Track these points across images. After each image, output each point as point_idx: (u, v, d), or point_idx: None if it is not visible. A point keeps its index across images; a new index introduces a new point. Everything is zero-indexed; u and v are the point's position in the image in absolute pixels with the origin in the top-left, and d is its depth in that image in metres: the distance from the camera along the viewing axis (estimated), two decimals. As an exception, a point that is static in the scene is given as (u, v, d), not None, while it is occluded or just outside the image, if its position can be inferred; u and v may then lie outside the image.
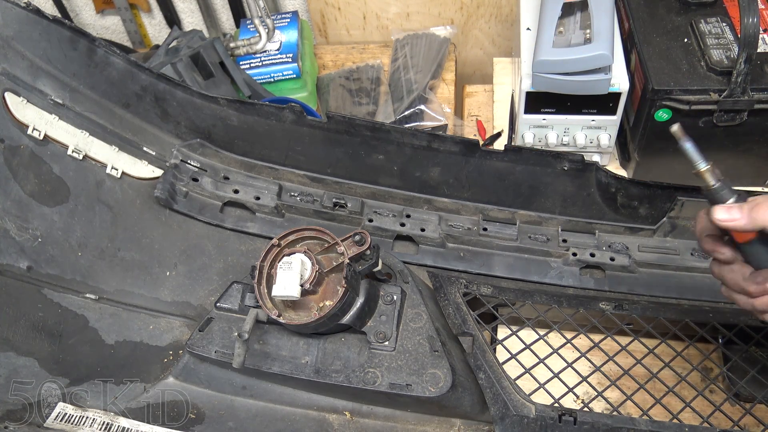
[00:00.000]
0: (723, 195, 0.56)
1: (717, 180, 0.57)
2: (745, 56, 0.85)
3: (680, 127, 0.58)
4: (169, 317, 0.86)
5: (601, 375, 0.77)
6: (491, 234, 0.90)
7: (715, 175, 0.57)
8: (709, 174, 0.57)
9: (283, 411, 0.79)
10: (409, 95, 1.28)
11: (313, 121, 0.87)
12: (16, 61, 0.83)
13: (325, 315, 0.70)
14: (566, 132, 1.06)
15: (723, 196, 0.56)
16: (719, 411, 0.73)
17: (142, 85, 0.89)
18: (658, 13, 1.01)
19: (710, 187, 0.57)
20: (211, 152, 0.94)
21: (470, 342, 0.77)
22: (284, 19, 1.33)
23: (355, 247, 0.73)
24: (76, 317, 0.82)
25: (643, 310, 0.83)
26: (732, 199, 0.56)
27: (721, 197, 0.56)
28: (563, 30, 0.97)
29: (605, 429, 0.69)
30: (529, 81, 0.98)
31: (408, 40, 1.39)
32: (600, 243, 0.88)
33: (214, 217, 0.93)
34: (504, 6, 1.40)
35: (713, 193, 0.57)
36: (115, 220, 0.88)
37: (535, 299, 0.85)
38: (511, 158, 0.85)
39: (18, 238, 0.79)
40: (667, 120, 0.95)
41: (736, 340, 0.78)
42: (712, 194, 0.57)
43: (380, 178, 0.92)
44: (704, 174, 0.57)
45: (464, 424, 0.77)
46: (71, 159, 0.86)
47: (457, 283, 0.85)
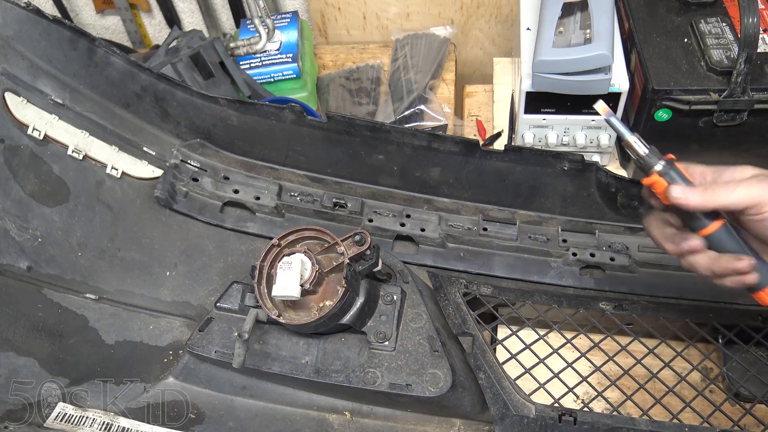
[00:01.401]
0: (653, 161, 0.59)
1: (646, 148, 0.60)
2: (745, 56, 0.85)
3: (602, 103, 0.62)
4: (169, 317, 0.86)
5: (601, 375, 0.77)
6: (491, 234, 0.90)
7: (644, 144, 0.60)
8: (638, 144, 0.60)
9: (283, 411, 0.79)
10: (409, 95, 1.28)
11: (313, 121, 0.87)
12: (16, 61, 0.83)
13: (325, 315, 0.70)
14: (566, 132, 1.06)
15: (653, 162, 0.59)
16: (719, 411, 0.73)
17: (142, 85, 0.89)
18: (658, 13, 1.01)
19: (641, 155, 0.59)
20: (211, 152, 0.94)
21: (470, 342, 0.77)
22: (284, 19, 1.33)
23: (355, 247, 0.73)
24: (76, 317, 0.82)
25: (643, 310, 0.83)
26: (661, 164, 0.59)
27: (652, 163, 0.59)
28: (563, 30, 0.97)
29: (605, 429, 0.69)
30: (529, 81, 0.98)
31: (408, 40, 1.39)
32: (600, 243, 0.88)
33: (214, 217, 0.93)
34: (504, 6, 1.40)
35: (645, 160, 0.59)
36: (115, 220, 0.88)
37: (535, 299, 0.85)
38: (511, 158, 0.85)
39: (18, 238, 0.79)
40: (668, 120, 0.95)
41: (736, 340, 0.78)
42: (644, 162, 0.59)
43: (380, 178, 0.92)
44: (633, 144, 0.60)
45: (464, 424, 0.77)
46: (71, 159, 0.86)
47: (457, 283, 0.85)
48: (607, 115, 0.61)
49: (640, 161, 0.60)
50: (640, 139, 0.60)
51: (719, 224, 0.59)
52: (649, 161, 0.59)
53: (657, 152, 0.60)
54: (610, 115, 0.61)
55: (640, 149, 0.60)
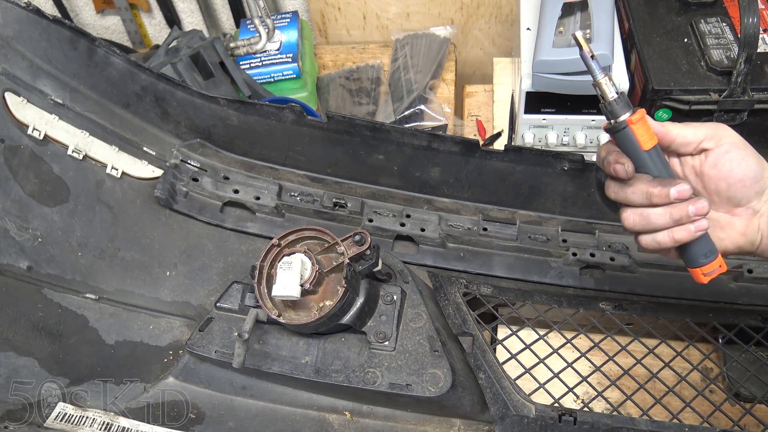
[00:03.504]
0: (621, 108, 0.57)
1: (615, 92, 0.57)
2: (745, 56, 0.85)
3: (583, 36, 0.58)
4: (169, 317, 0.86)
5: (601, 375, 0.77)
6: (491, 234, 0.90)
7: (614, 88, 0.57)
8: (608, 86, 0.57)
9: (283, 411, 0.79)
10: (409, 95, 1.28)
11: (313, 121, 0.87)
12: (16, 61, 0.83)
13: (325, 315, 0.70)
14: (566, 132, 1.06)
15: (621, 109, 0.57)
16: (719, 411, 0.73)
17: (142, 85, 0.89)
18: (658, 13, 1.01)
19: (609, 99, 0.57)
20: (211, 152, 0.94)
21: (470, 342, 0.77)
22: (284, 19, 1.33)
23: (355, 247, 0.73)
24: (76, 317, 0.82)
25: (643, 310, 0.83)
26: (628, 113, 0.57)
27: (618, 110, 0.57)
28: (563, 30, 0.97)
29: (605, 429, 0.69)
30: (529, 81, 0.98)
31: (408, 40, 1.39)
32: (600, 243, 0.88)
33: (214, 217, 0.93)
34: (504, 6, 1.40)
35: (612, 104, 0.57)
36: (115, 220, 0.88)
37: (535, 299, 0.85)
38: (511, 158, 0.85)
39: (18, 238, 0.79)
40: (668, 120, 0.95)
41: (736, 340, 0.78)
42: (611, 106, 0.57)
43: (380, 178, 0.92)
44: (603, 86, 0.57)
45: (464, 424, 0.77)
46: (71, 159, 0.86)
47: (457, 283, 0.85)
48: (584, 52, 0.57)
49: (606, 107, 0.58)
50: (611, 81, 0.57)
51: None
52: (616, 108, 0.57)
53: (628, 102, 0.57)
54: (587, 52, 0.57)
55: (609, 92, 0.57)
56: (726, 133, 0.59)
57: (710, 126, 0.59)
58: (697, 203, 0.57)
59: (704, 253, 0.60)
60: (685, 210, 0.57)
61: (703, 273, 0.61)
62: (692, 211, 0.57)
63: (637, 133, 0.57)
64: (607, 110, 0.58)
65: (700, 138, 0.59)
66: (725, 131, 0.60)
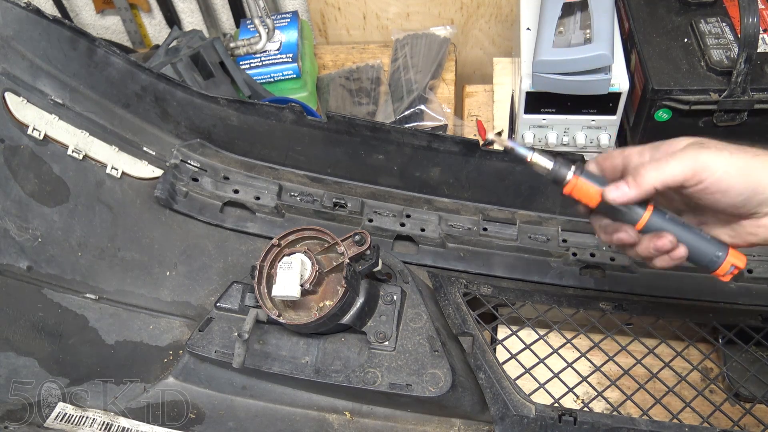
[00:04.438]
0: (562, 172, 0.58)
1: (550, 160, 0.59)
2: (745, 56, 0.85)
3: (495, 135, 0.60)
4: (169, 317, 0.86)
5: (601, 375, 0.77)
6: (491, 234, 0.90)
7: (546, 157, 0.59)
8: (541, 159, 0.59)
9: (283, 411, 0.79)
10: (409, 95, 1.28)
11: (313, 121, 0.87)
12: (16, 61, 0.83)
13: (325, 315, 0.70)
14: (566, 132, 1.06)
15: (562, 173, 0.58)
16: (719, 411, 0.73)
17: (142, 85, 0.89)
18: (658, 13, 1.01)
19: (548, 170, 0.59)
20: (211, 152, 0.94)
21: (470, 342, 0.77)
22: (284, 19, 1.33)
23: (355, 247, 0.73)
24: (76, 317, 0.82)
25: (643, 310, 0.83)
26: (571, 171, 0.58)
27: (561, 174, 0.58)
28: (563, 30, 0.97)
29: (605, 429, 0.69)
30: (529, 81, 0.98)
31: (408, 40, 1.39)
32: (600, 243, 0.88)
33: (214, 217, 0.93)
34: (504, 6, 1.40)
35: (554, 173, 0.59)
36: (115, 220, 0.88)
37: (535, 299, 0.85)
38: (511, 158, 0.85)
39: (18, 238, 0.79)
40: (668, 120, 0.95)
41: (736, 340, 0.78)
42: (553, 175, 0.59)
43: (380, 178, 0.92)
44: (536, 162, 0.59)
45: (464, 424, 0.77)
46: (71, 159, 0.86)
47: (457, 283, 0.85)
48: (506, 143, 0.59)
49: (550, 175, 0.59)
50: (542, 153, 0.59)
51: (649, 212, 0.59)
52: (559, 173, 0.58)
53: (564, 161, 0.59)
54: (508, 142, 0.59)
55: (545, 164, 0.58)
56: (706, 165, 0.55)
57: (688, 159, 0.55)
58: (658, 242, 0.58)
59: (710, 258, 0.59)
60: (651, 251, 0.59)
61: (720, 274, 0.60)
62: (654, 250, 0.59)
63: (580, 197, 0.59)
64: (553, 179, 0.59)
65: (678, 181, 0.56)
66: (705, 159, 0.55)
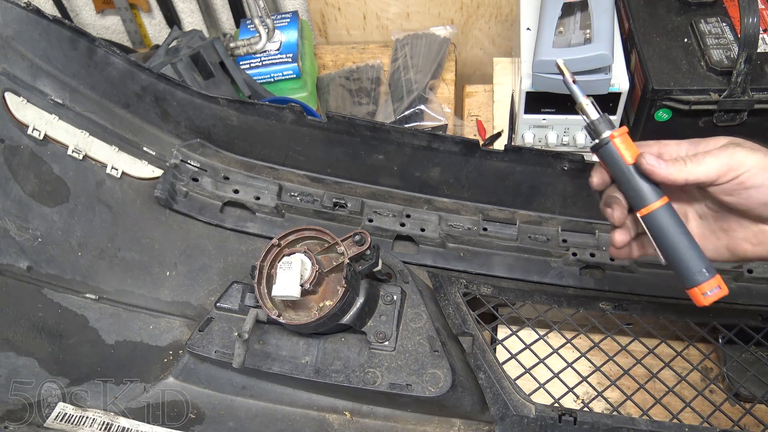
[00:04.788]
0: (604, 126, 0.59)
1: (598, 113, 0.60)
2: (745, 56, 0.85)
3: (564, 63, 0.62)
4: (169, 317, 0.86)
5: (601, 375, 0.77)
6: (491, 234, 0.90)
7: (596, 109, 0.60)
8: (591, 107, 0.60)
9: (283, 411, 0.79)
10: (409, 95, 1.28)
11: (313, 121, 0.87)
12: (16, 61, 0.83)
13: (325, 315, 0.70)
14: (566, 132, 1.06)
15: (603, 128, 0.59)
16: (719, 411, 0.73)
17: (142, 85, 0.89)
18: (658, 13, 1.01)
19: (592, 118, 0.60)
20: (211, 152, 0.94)
21: (470, 342, 0.77)
22: (284, 19, 1.33)
23: (355, 247, 0.73)
24: (76, 317, 0.82)
25: (643, 310, 0.83)
26: (610, 131, 0.59)
27: (602, 129, 0.59)
28: (563, 30, 0.97)
29: (605, 429, 0.69)
30: (529, 81, 0.98)
31: (408, 40, 1.39)
32: (600, 243, 0.88)
33: (214, 217, 0.93)
34: (504, 6, 1.40)
35: (595, 123, 0.59)
36: (115, 220, 0.88)
37: (535, 299, 0.85)
38: (511, 158, 0.85)
39: (18, 238, 0.79)
40: (668, 120, 0.95)
41: (736, 340, 0.78)
42: (594, 125, 0.60)
43: (380, 178, 0.92)
44: (586, 107, 0.60)
45: (464, 424, 0.77)
46: (71, 159, 0.86)
47: (457, 283, 0.85)
48: (566, 77, 0.61)
49: (590, 126, 0.60)
50: (594, 103, 0.60)
51: (662, 202, 0.59)
52: (600, 127, 0.59)
53: (609, 121, 0.59)
54: (569, 78, 0.61)
55: (592, 113, 0.59)
56: (741, 161, 0.55)
57: (725, 156, 0.56)
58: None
59: (699, 269, 0.59)
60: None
61: (701, 291, 0.59)
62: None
63: (619, 147, 0.59)
64: (591, 129, 0.60)
65: (712, 178, 0.56)
66: (740, 156, 0.55)
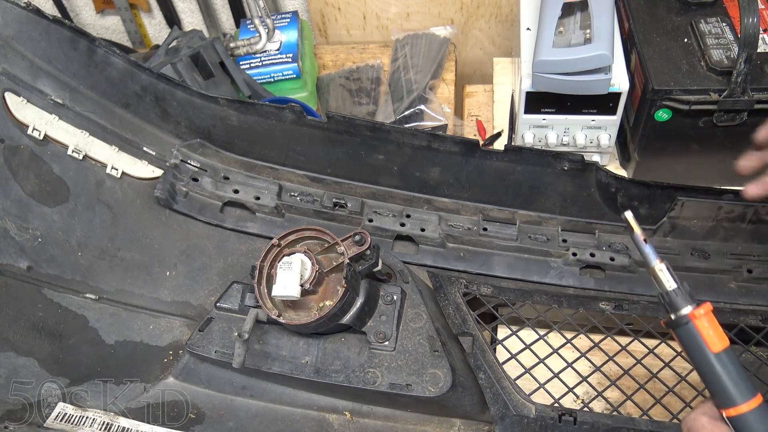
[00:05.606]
0: (682, 301, 0.50)
1: (675, 282, 0.50)
2: (745, 56, 0.85)
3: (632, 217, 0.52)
4: (169, 317, 0.86)
5: (601, 375, 0.77)
6: (491, 234, 0.90)
7: (673, 276, 0.50)
8: (666, 273, 0.50)
9: (283, 411, 0.79)
10: (409, 95, 1.28)
11: (313, 121, 0.87)
12: (16, 61, 0.83)
13: (325, 315, 0.70)
14: (566, 132, 1.06)
15: (682, 303, 0.50)
16: (719, 411, 0.73)
17: (142, 85, 0.89)
18: (658, 13, 1.01)
19: (666, 289, 0.50)
20: (211, 152, 0.94)
21: (470, 342, 0.77)
22: (284, 19, 1.33)
23: (355, 247, 0.73)
24: (76, 317, 0.82)
25: (643, 310, 0.83)
26: (690, 306, 0.49)
27: (679, 304, 0.50)
28: (563, 30, 0.97)
29: (605, 429, 0.69)
30: (529, 81, 0.98)
31: (408, 40, 1.39)
32: (600, 243, 0.88)
33: (214, 217, 0.93)
34: (504, 6, 1.40)
35: (670, 295, 0.50)
36: (115, 220, 0.88)
37: (535, 299, 0.85)
38: (511, 158, 0.85)
39: (18, 238, 0.79)
40: (668, 120, 0.95)
41: (736, 340, 0.78)
42: (669, 297, 0.50)
43: (380, 178, 0.92)
44: (659, 274, 0.51)
45: (464, 424, 0.77)
46: (71, 159, 0.86)
47: (457, 283, 0.85)
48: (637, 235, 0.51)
49: (665, 298, 0.50)
50: (669, 268, 0.50)
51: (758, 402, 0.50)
52: (677, 301, 0.49)
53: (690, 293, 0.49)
54: (639, 236, 0.51)
55: (668, 282, 0.49)
56: None
57: None
58: None
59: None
60: None
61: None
62: None
63: (702, 330, 0.49)
64: (665, 302, 0.51)
65: None
66: None
